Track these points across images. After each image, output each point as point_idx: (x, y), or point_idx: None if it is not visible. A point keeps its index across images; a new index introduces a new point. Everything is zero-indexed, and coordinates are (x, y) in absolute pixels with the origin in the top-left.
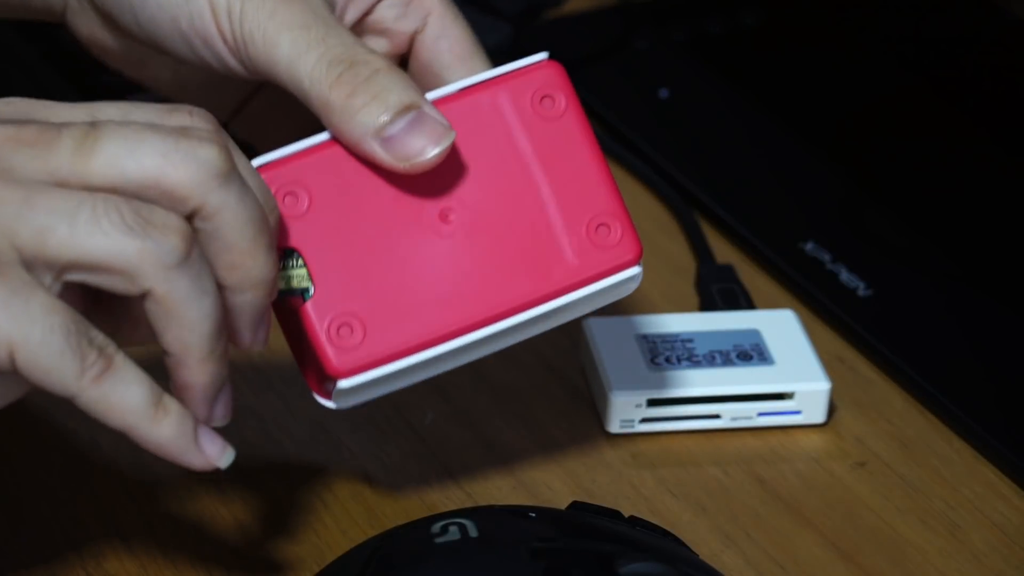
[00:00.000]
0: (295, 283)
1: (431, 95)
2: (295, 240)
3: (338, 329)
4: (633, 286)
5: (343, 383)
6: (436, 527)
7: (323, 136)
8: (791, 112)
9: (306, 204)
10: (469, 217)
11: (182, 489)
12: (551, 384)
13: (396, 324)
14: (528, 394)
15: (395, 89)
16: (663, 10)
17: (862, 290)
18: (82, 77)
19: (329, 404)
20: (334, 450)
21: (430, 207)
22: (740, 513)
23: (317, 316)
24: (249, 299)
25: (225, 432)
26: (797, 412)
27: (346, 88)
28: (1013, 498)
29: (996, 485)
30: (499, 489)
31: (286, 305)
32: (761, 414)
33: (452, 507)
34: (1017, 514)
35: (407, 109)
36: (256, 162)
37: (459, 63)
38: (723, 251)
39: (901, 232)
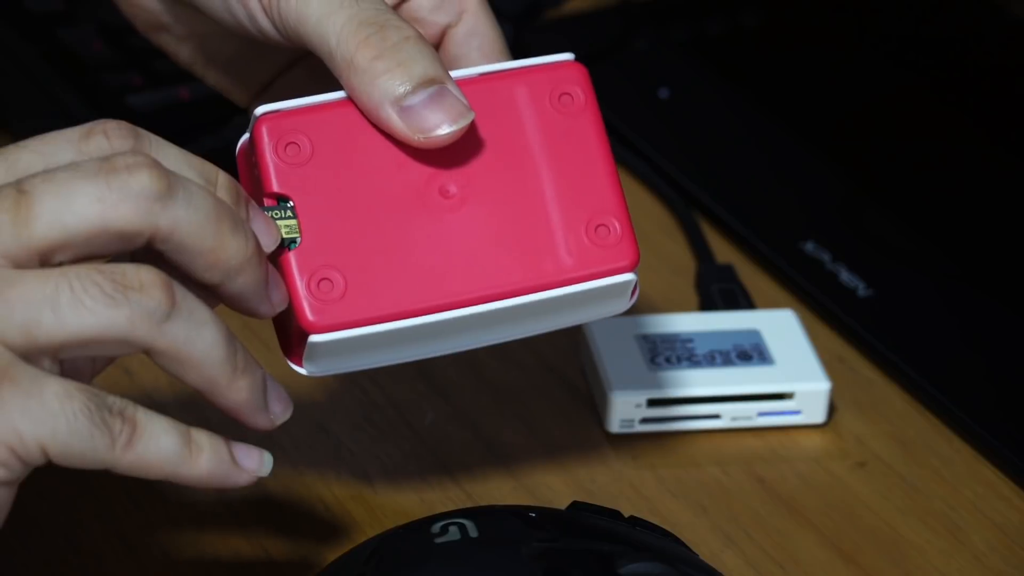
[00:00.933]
0: (284, 233)
1: (454, 74)
2: (290, 188)
3: (319, 282)
4: (624, 301)
5: (315, 338)
6: (436, 527)
7: (339, 95)
8: (791, 112)
9: (307, 155)
10: (469, 198)
11: (182, 489)
12: (551, 384)
13: (378, 289)
14: (528, 394)
15: (422, 60)
16: (663, 10)
17: (862, 290)
18: (82, 77)
19: (301, 370)
20: (334, 450)
21: (432, 181)
22: (740, 513)
23: (299, 267)
24: (243, 281)
25: (225, 432)
26: (797, 412)
27: (373, 51)
28: (1013, 498)
29: (996, 485)
30: (499, 489)
31: (271, 257)
32: (761, 414)
33: (452, 507)
34: (1017, 514)
35: (431, 82)
36: (261, 109)
37: (486, 63)
38: (723, 251)
39: (901, 232)
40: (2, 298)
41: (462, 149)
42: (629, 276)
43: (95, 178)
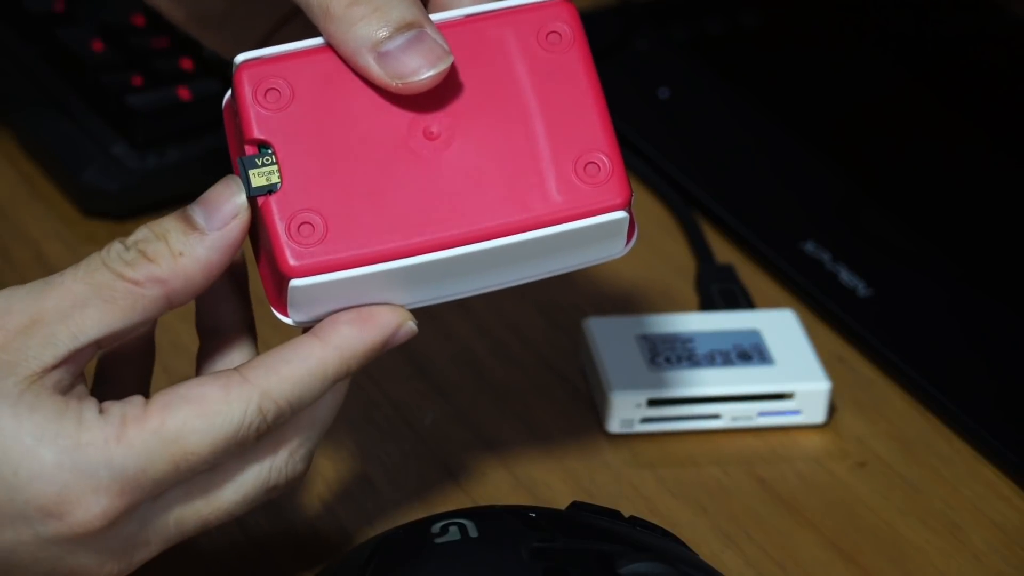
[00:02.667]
0: (264, 179)
1: (436, 17)
2: (270, 134)
3: (299, 226)
4: (619, 243)
5: (296, 283)
6: (436, 527)
7: (318, 41)
8: (791, 112)
9: (287, 100)
10: (454, 138)
11: None
12: (551, 384)
13: (360, 231)
14: (528, 394)
15: (398, 4)
16: (663, 10)
17: (862, 290)
18: (82, 77)
19: (287, 320)
20: (334, 450)
21: (416, 123)
22: (740, 513)
23: (279, 211)
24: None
25: None
26: (797, 412)
27: None
28: (1013, 498)
29: (996, 485)
30: (499, 489)
31: (253, 206)
32: (761, 414)
33: (452, 507)
34: (1017, 514)
35: (408, 26)
36: (241, 57)
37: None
38: (723, 251)
39: (901, 232)
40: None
41: (446, 90)
42: (620, 214)
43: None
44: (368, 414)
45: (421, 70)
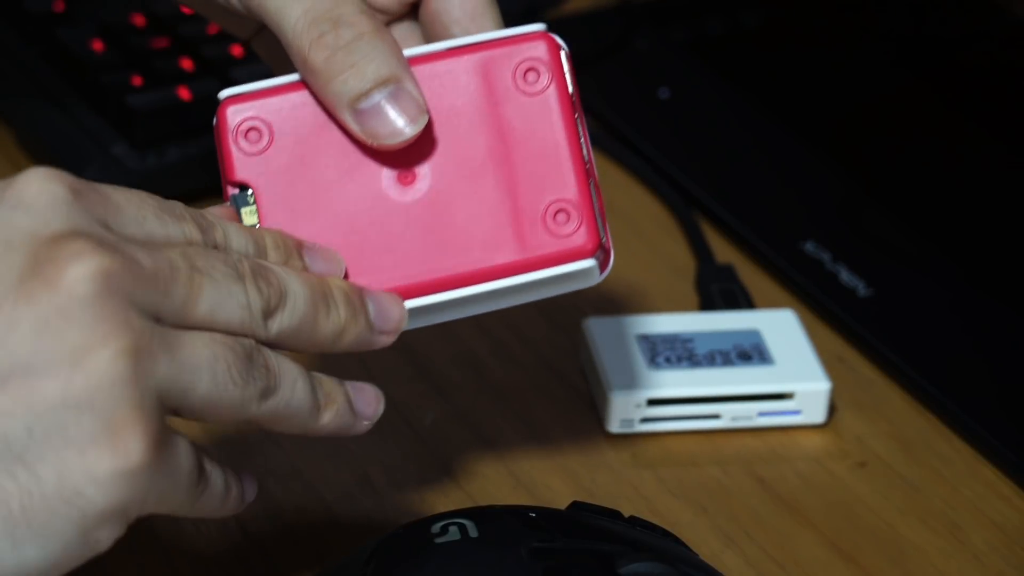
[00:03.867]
0: (244, 219)
1: (417, 51)
2: (250, 176)
3: None
4: (590, 279)
5: None
6: (436, 527)
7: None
8: (791, 112)
9: (266, 142)
10: (428, 182)
11: None
12: (551, 384)
13: None
14: (528, 394)
15: (376, 58)
16: (663, 10)
17: (862, 290)
18: (82, 77)
19: None
20: (334, 450)
21: (391, 165)
22: (740, 513)
23: None
24: (348, 341)
25: (226, 432)
26: (797, 412)
27: (326, 51)
28: (1013, 498)
29: (996, 485)
30: (499, 489)
31: None
32: (761, 414)
33: (452, 507)
34: (1017, 514)
35: (385, 82)
36: (225, 93)
37: (468, 19)
38: (723, 251)
39: (901, 232)
40: (176, 359)
41: (423, 134)
42: (588, 263)
43: (245, 287)
44: None
45: (395, 131)
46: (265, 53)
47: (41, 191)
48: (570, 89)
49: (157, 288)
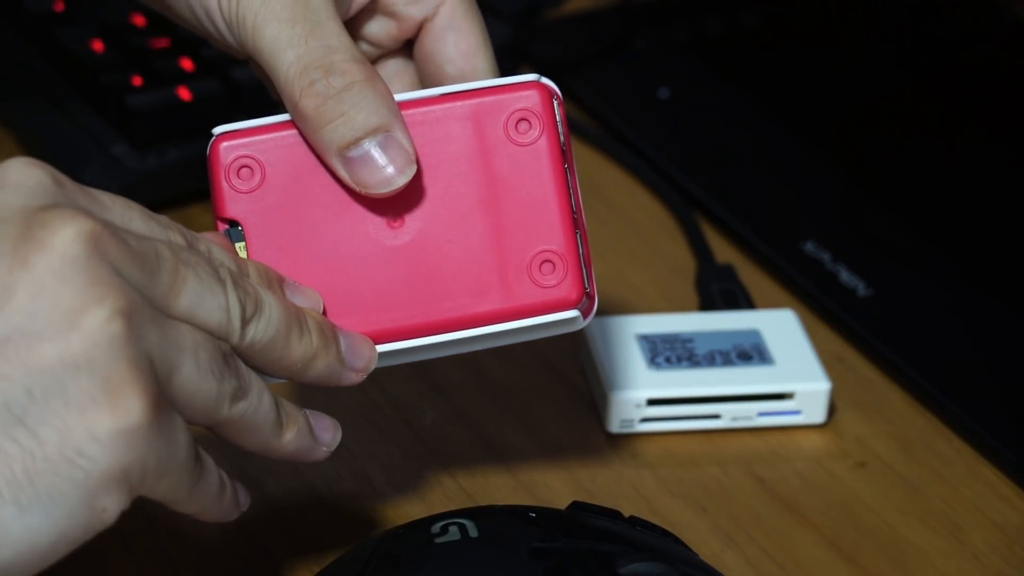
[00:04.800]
0: (243, 253)
1: (410, 96)
2: (240, 213)
3: None
4: (574, 327)
5: None
6: (436, 527)
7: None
8: (791, 112)
9: (258, 180)
10: (417, 226)
11: None
12: (551, 384)
13: None
14: (528, 394)
15: (366, 107)
16: (663, 10)
17: (862, 290)
18: (82, 77)
19: None
20: (334, 450)
21: (380, 209)
22: (740, 513)
23: None
24: (317, 370)
25: None
26: (797, 412)
27: (316, 99)
28: (1013, 498)
29: (996, 485)
30: (499, 489)
31: None
32: (761, 414)
33: (452, 507)
34: (1017, 514)
35: (375, 132)
36: (219, 129)
37: (462, 58)
38: (723, 251)
39: (901, 232)
40: (165, 334)
41: (413, 179)
42: (571, 313)
43: (225, 290)
44: (368, 414)
45: (384, 180)
46: (263, 73)
47: (26, 174)
48: (561, 139)
49: (144, 268)
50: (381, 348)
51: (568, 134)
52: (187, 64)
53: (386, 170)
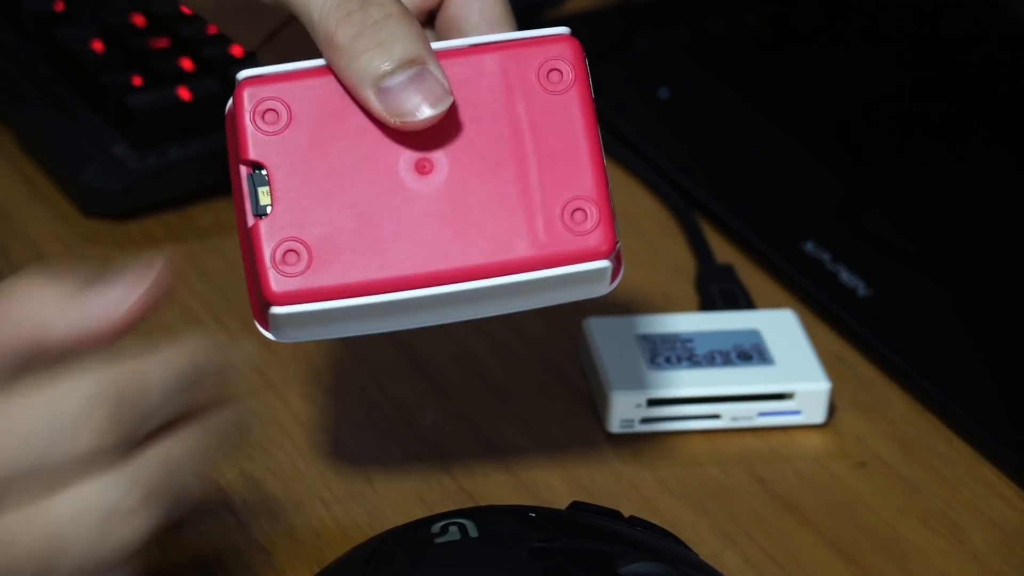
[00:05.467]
0: (260, 199)
1: (440, 45)
2: (265, 156)
3: (284, 254)
4: (602, 286)
5: (276, 310)
6: (436, 527)
7: (321, 62)
8: (791, 112)
9: (284, 123)
10: (446, 174)
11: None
12: (551, 384)
13: (343, 263)
14: (528, 394)
15: (403, 39)
16: (663, 10)
17: (862, 290)
18: (82, 77)
19: (268, 335)
20: (334, 450)
21: (409, 155)
22: (740, 513)
23: (267, 237)
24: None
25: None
26: (797, 412)
27: (353, 28)
28: (1013, 498)
29: (996, 485)
30: (499, 489)
31: (245, 222)
32: (761, 414)
33: (452, 507)
34: (1017, 514)
35: (411, 63)
36: (244, 73)
37: (486, 26)
38: (723, 251)
39: (901, 232)
40: None
41: (443, 124)
42: (603, 263)
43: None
44: (368, 414)
45: (420, 109)
46: (273, 60)
47: None
48: (591, 92)
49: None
50: (408, 295)
51: (593, 94)
52: (187, 64)
53: (421, 100)
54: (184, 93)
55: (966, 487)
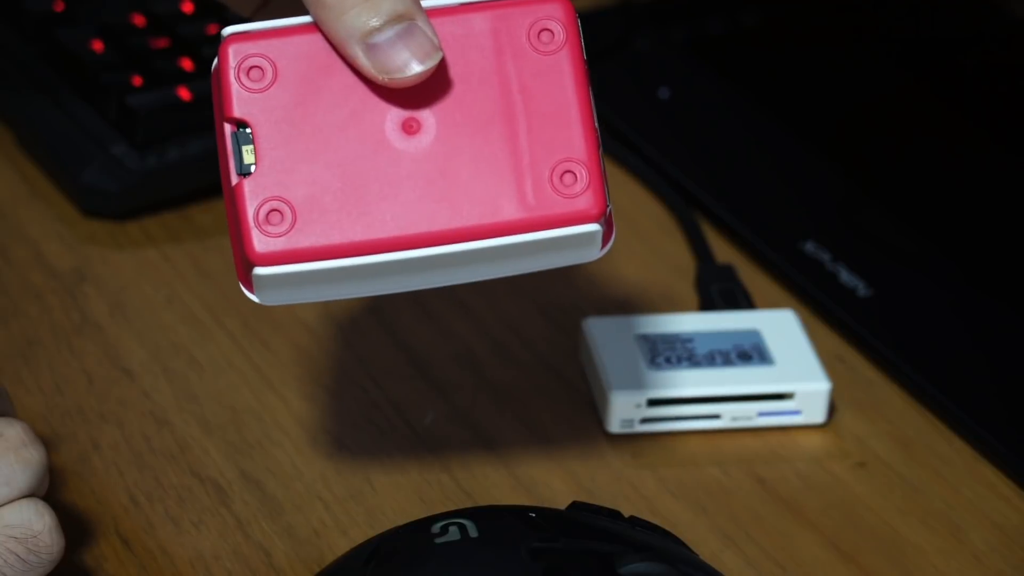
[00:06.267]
0: (244, 158)
1: (429, 3)
2: (249, 113)
3: (268, 214)
4: (592, 250)
5: (260, 271)
6: (436, 527)
7: (308, 18)
8: (791, 112)
9: (269, 80)
10: (434, 134)
11: (183, 490)
12: (551, 384)
13: (327, 224)
14: (528, 394)
15: None
16: (663, 10)
17: (862, 290)
18: (82, 77)
19: (253, 297)
20: (334, 450)
21: (396, 114)
22: (740, 513)
23: (250, 196)
24: None
25: (225, 430)
26: (797, 412)
27: None
28: (1013, 498)
29: (996, 485)
30: (499, 489)
31: (229, 182)
32: (761, 414)
33: (452, 507)
34: (1017, 514)
35: (399, 18)
36: (229, 30)
37: None
38: (723, 251)
39: (901, 232)
40: None
41: (430, 84)
42: (592, 227)
43: None
44: (368, 414)
45: (409, 65)
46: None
47: None
48: (583, 54)
49: None
50: (393, 257)
51: (585, 56)
52: (187, 64)
53: (410, 56)
54: (184, 93)
55: (966, 487)
